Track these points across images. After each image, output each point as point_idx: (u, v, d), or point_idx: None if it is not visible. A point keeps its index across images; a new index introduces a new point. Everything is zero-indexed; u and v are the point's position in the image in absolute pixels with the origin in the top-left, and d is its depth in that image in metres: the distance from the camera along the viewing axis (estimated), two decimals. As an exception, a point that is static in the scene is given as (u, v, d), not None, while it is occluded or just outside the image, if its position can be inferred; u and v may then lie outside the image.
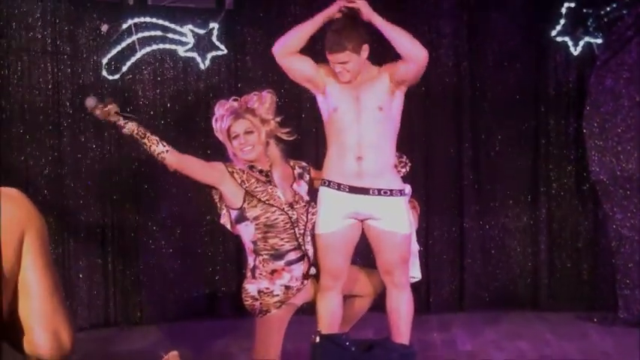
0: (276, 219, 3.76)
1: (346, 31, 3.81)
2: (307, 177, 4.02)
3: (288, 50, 3.92)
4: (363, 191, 3.85)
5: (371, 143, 3.85)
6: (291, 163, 4.02)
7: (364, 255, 4.70)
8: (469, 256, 6.49)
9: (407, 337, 3.98)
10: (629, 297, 5.86)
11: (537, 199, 6.51)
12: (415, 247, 4.12)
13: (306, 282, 3.84)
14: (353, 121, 3.85)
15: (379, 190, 3.86)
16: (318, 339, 3.83)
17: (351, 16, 3.89)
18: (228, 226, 3.88)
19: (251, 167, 3.86)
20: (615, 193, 5.90)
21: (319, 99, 4.00)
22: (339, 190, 3.88)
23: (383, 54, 4.11)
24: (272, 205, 3.77)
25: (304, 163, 4.10)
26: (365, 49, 3.84)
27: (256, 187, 3.79)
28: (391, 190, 3.88)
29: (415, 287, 4.21)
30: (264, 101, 3.88)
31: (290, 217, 3.79)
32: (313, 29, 3.91)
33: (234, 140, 3.85)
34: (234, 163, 3.87)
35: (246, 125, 3.83)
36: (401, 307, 3.96)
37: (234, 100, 3.93)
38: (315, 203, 3.93)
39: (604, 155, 5.93)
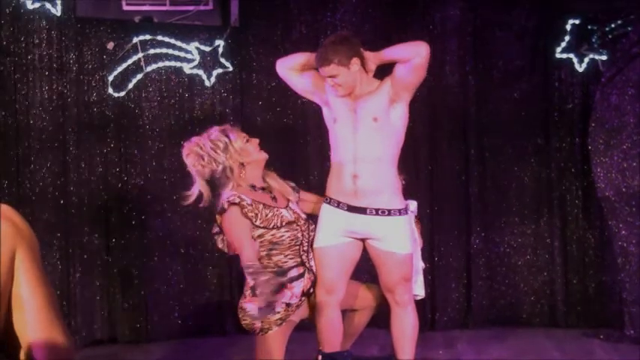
0: (282, 236, 3.75)
1: (334, 45, 3.85)
2: (297, 196, 4.03)
3: (287, 67, 4.05)
4: (361, 211, 3.86)
5: (367, 158, 3.84)
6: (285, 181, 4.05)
7: (369, 271, 4.68)
8: (475, 273, 6.45)
9: (411, 354, 3.97)
10: (635, 314, 5.83)
11: (543, 216, 6.48)
12: (420, 264, 4.09)
13: (303, 298, 3.83)
14: (350, 133, 3.87)
15: (377, 210, 3.85)
16: (320, 358, 3.82)
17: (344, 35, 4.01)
18: (227, 251, 3.86)
19: (252, 186, 3.84)
20: (621, 210, 5.88)
21: (324, 111, 4.04)
22: (339, 207, 3.90)
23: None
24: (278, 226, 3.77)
25: (293, 184, 4.10)
26: (355, 63, 3.84)
27: (267, 215, 3.75)
28: (389, 210, 3.86)
29: (420, 304, 4.19)
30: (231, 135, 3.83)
31: (295, 234, 3.78)
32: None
33: (247, 143, 3.84)
34: (239, 192, 3.78)
35: (243, 134, 3.87)
36: (404, 325, 3.94)
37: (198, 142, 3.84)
38: (314, 221, 3.94)
39: (609, 172, 5.91)
